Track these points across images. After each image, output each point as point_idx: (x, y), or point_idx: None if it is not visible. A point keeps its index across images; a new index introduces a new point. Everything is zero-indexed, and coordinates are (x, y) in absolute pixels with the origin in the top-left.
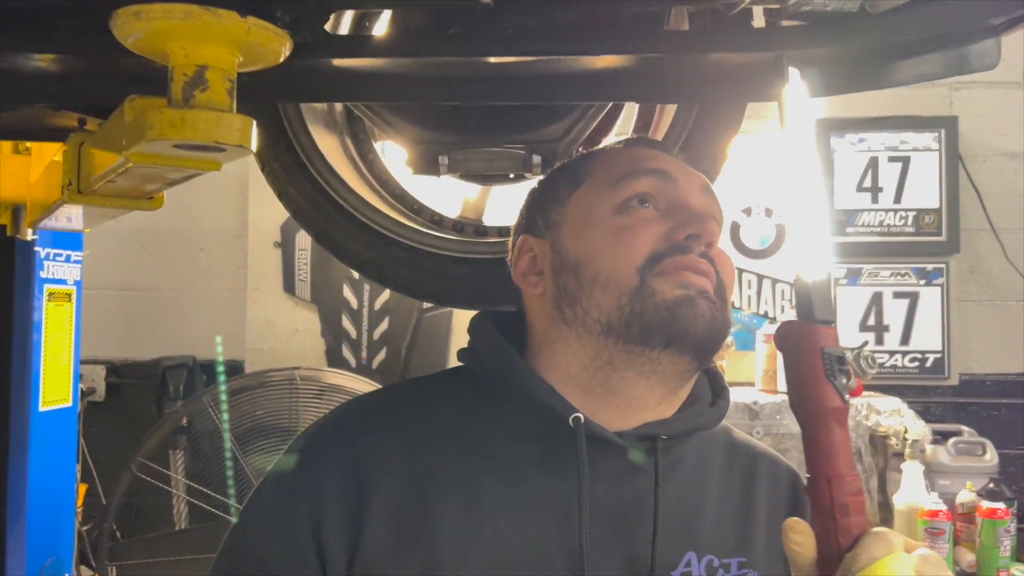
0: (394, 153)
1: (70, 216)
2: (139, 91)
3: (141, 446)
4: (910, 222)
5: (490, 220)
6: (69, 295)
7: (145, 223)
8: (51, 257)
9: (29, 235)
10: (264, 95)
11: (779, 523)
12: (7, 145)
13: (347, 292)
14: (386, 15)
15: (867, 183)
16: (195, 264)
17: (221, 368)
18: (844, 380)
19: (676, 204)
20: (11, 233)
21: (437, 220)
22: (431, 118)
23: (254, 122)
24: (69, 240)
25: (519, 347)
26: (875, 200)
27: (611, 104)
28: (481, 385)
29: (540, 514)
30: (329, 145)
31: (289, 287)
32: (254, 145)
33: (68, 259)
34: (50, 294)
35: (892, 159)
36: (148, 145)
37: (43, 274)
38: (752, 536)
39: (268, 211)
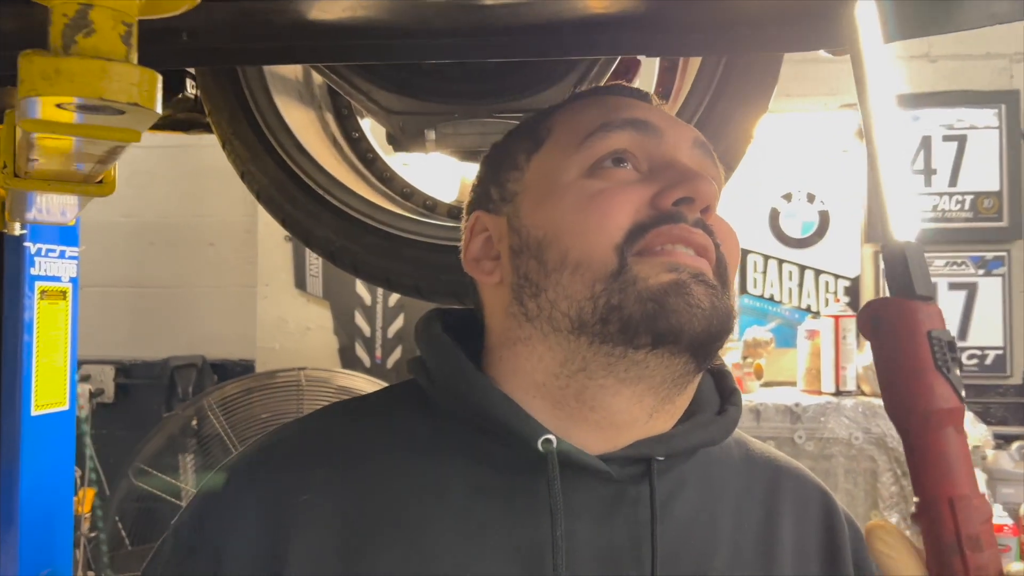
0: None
1: (64, 209)
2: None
3: (140, 451)
4: (967, 206)
5: None
6: (64, 293)
7: (153, 218)
8: (43, 253)
9: (17, 230)
10: (208, 57)
11: (810, 556)
12: None
13: (360, 288)
14: None
15: (919, 164)
16: (205, 260)
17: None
18: (958, 371)
19: (662, 162)
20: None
21: (430, 205)
22: (411, 84)
23: (159, 76)
24: (64, 235)
25: (475, 353)
26: (928, 183)
27: (618, 62)
28: (430, 403)
29: (506, 562)
30: (302, 120)
31: (300, 283)
32: (159, 105)
33: (63, 255)
34: (43, 292)
35: (947, 138)
36: (28, 106)
37: (34, 271)
38: (776, 574)
39: None
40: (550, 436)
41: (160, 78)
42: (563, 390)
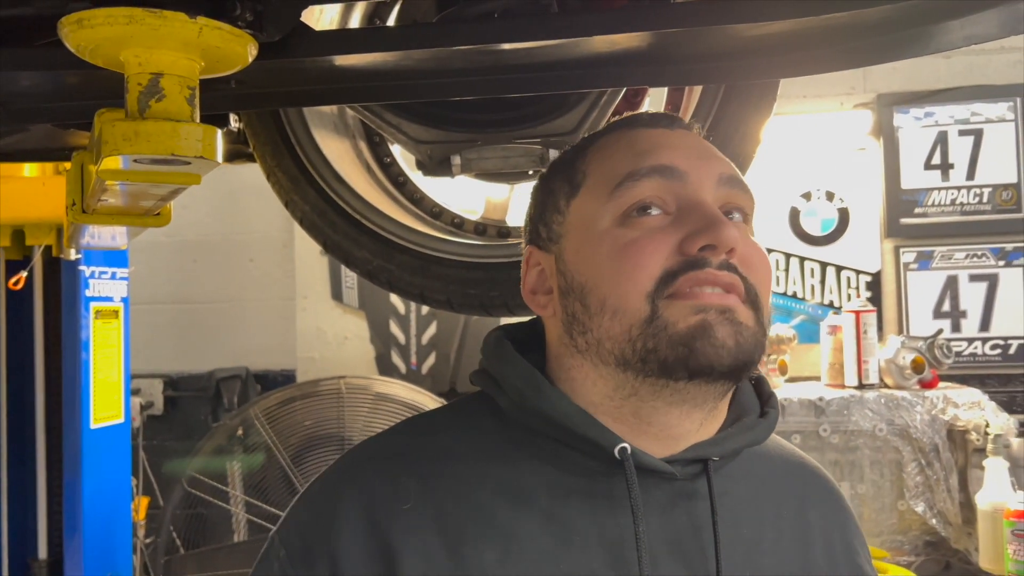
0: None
1: (115, 235)
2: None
3: (191, 459)
4: (985, 199)
5: (516, 220)
6: (116, 312)
7: (194, 236)
8: (96, 275)
9: (72, 255)
10: (254, 102)
11: (837, 544)
12: (49, 167)
13: (394, 298)
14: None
15: (936, 160)
16: (245, 275)
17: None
18: None
19: (688, 204)
20: (56, 254)
21: (457, 223)
22: (437, 116)
23: (219, 131)
24: (115, 258)
25: (540, 366)
26: (946, 177)
27: (626, 87)
28: (505, 414)
29: (592, 557)
30: (338, 150)
31: (337, 294)
32: (220, 155)
33: (114, 276)
34: (97, 312)
35: (963, 132)
36: (110, 161)
37: (89, 292)
38: (812, 556)
39: None
40: (625, 445)
41: (220, 133)
42: (619, 409)
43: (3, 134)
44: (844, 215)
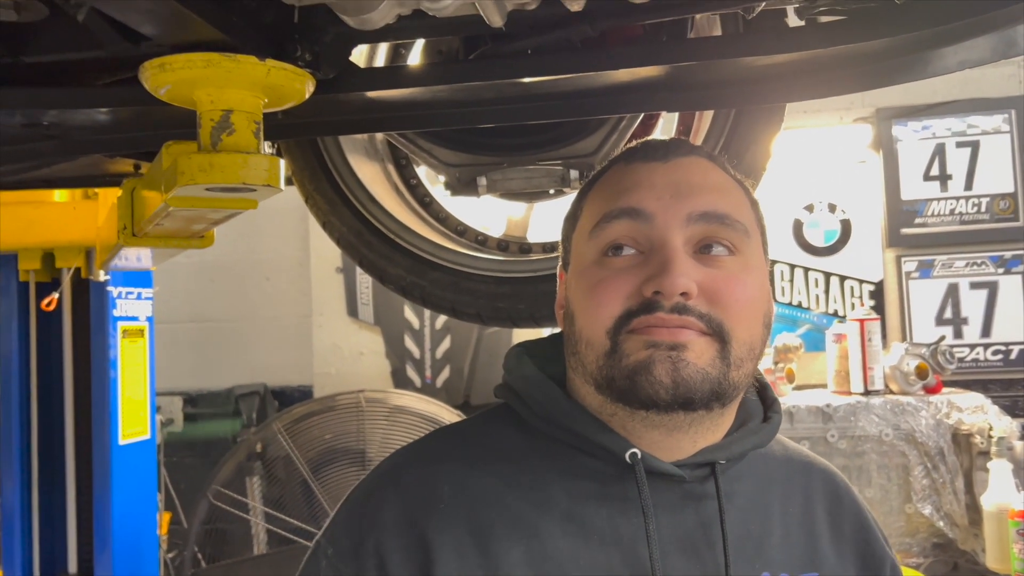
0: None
1: (139, 256)
2: (178, 135)
3: (216, 474)
4: (983, 208)
5: (536, 236)
6: (142, 331)
7: (212, 256)
8: (123, 296)
9: (101, 276)
10: (299, 131)
11: (845, 537)
12: (77, 191)
13: (408, 313)
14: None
15: (935, 171)
16: (262, 293)
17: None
18: None
19: (654, 246)
20: (85, 275)
21: (481, 240)
22: (464, 140)
23: (282, 161)
24: (139, 278)
25: (561, 377)
26: (944, 188)
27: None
28: (526, 424)
29: (608, 555)
30: (370, 173)
31: (352, 311)
32: (282, 183)
33: (139, 296)
34: (124, 331)
35: (960, 144)
36: (182, 190)
37: (116, 312)
38: (820, 549)
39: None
40: (635, 450)
41: (283, 163)
42: (610, 421)
43: (52, 163)
44: (846, 226)
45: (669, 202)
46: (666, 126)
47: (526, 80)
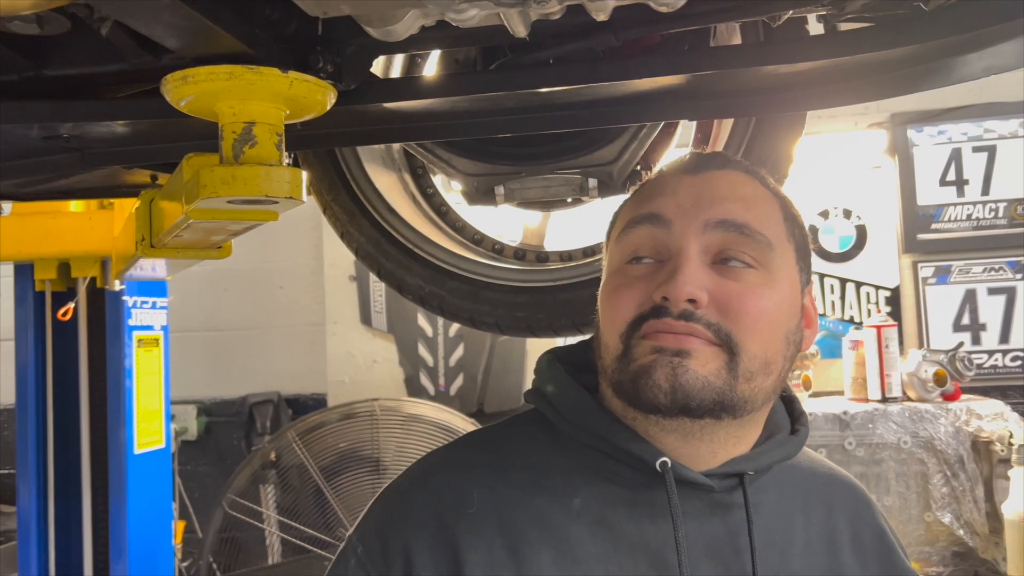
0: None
1: (154, 266)
2: (198, 147)
3: (231, 483)
4: (1001, 213)
5: (553, 245)
6: (157, 340)
7: (225, 265)
8: (138, 305)
9: (117, 286)
10: (318, 142)
11: (867, 549)
12: (94, 202)
13: (422, 321)
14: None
15: (951, 176)
16: (275, 302)
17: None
18: None
19: (669, 252)
20: (100, 285)
21: (498, 249)
22: (483, 150)
23: (304, 173)
24: (154, 288)
25: (593, 384)
26: (961, 193)
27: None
28: (556, 429)
29: (637, 560)
30: (387, 183)
31: (366, 319)
32: (304, 195)
33: (154, 306)
34: (139, 340)
35: (976, 149)
36: (204, 202)
37: (131, 322)
38: (841, 559)
39: (342, 246)
40: (666, 459)
41: (305, 175)
42: (633, 425)
43: (70, 175)
44: (862, 232)
45: (689, 209)
46: (684, 133)
47: (546, 90)
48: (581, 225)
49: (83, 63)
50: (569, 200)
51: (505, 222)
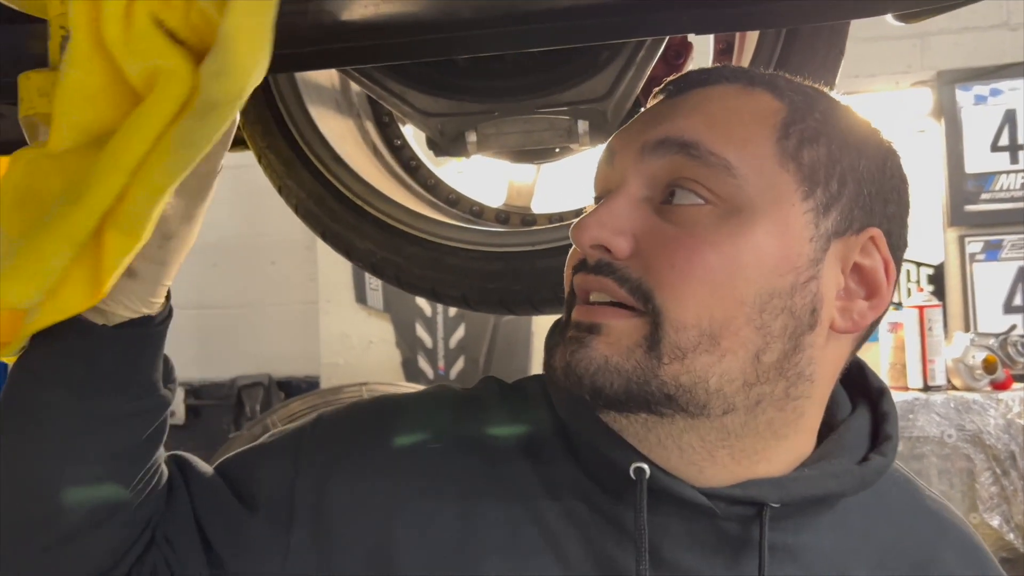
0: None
1: None
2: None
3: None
4: None
5: (542, 206)
6: None
7: (214, 239)
8: None
9: None
10: None
11: None
12: None
13: (421, 300)
14: None
15: (1003, 141)
16: (267, 279)
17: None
18: None
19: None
20: None
21: (477, 211)
22: (446, 83)
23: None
24: None
25: None
26: (1014, 160)
27: (668, 45)
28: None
29: None
30: (339, 130)
31: (361, 297)
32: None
33: None
34: None
35: None
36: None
37: None
38: None
39: None
40: (642, 464)
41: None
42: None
43: None
44: None
45: (634, 136)
46: (701, 50)
47: None
48: (571, 180)
49: None
50: (556, 149)
51: (491, 181)
